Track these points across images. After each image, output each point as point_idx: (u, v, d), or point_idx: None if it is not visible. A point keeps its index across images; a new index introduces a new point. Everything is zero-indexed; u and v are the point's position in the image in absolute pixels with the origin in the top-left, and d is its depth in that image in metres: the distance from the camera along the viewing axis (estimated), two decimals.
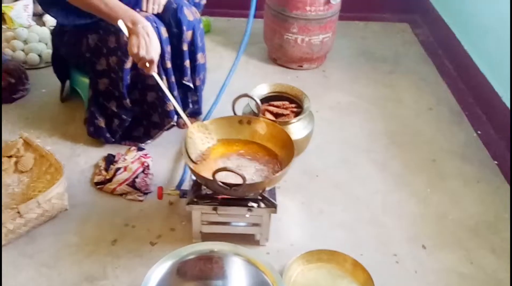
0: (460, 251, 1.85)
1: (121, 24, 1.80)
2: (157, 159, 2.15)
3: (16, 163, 2.05)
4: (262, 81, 2.18)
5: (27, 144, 2.07)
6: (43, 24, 2.95)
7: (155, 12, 2.03)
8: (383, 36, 3.06)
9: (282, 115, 2.05)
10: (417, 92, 2.66)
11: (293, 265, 1.68)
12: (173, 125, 2.25)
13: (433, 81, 2.74)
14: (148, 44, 1.80)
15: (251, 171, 1.74)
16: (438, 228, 1.94)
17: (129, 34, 1.81)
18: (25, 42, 2.73)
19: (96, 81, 2.10)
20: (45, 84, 2.52)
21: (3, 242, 1.78)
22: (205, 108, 2.38)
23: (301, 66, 2.75)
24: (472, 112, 2.52)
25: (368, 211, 2.00)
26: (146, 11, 2.00)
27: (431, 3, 3.09)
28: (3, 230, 1.75)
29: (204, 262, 1.57)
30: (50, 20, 2.92)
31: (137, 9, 1.98)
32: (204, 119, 2.29)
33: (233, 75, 2.60)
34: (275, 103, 2.10)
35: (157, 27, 1.95)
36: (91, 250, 1.80)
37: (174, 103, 1.87)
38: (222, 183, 1.58)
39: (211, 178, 1.57)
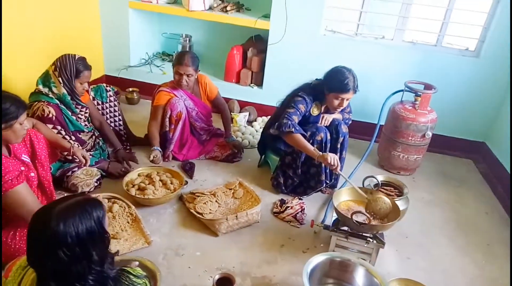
0: None
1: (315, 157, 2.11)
2: (308, 206, 2.29)
3: (233, 193, 2.29)
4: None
5: (240, 184, 2.34)
6: (251, 126, 3.26)
7: (325, 125, 2.29)
8: (453, 165, 3.01)
9: (389, 195, 2.12)
10: (477, 201, 2.57)
11: (391, 283, 1.72)
12: (320, 190, 2.40)
13: (488, 196, 2.63)
14: (332, 159, 2.04)
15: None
16: None
17: (317, 158, 2.08)
18: (242, 134, 3.07)
19: (285, 157, 2.34)
20: (250, 156, 2.77)
21: (227, 230, 1.98)
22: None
23: (399, 172, 2.78)
24: None
25: (439, 264, 1.97)
26: (321, 124, 2.29)
27: (489, 148, 3.04)
28: (226, 224, 1.98)
29: (343, 264, 1.64)
30: (256, 124, 3.23)
31: (317, 123, 2.28)
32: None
33: (357, 170, 2.69)
34: (385, 187, 2.19)
35: (326, 132, 2.21)
36: (269, 247, 1.96)
37: (349, 182, 2.01)
38: (355, 220, 1.72)
39: (349, 216, 1.73)
